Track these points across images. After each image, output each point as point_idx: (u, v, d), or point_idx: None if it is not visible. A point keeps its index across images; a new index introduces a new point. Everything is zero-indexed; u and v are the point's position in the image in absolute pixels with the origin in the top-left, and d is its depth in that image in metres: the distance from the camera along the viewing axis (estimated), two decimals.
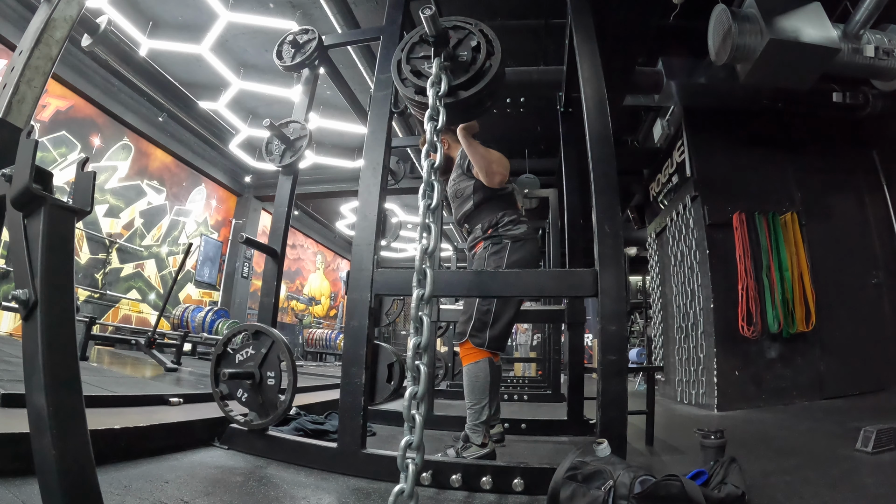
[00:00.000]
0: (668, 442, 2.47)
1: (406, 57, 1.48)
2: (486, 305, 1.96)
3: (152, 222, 7.58)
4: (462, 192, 2.17)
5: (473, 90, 1.39)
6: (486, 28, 1.45)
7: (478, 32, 1.44)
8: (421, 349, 1.04)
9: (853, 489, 1.58)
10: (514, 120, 4.94)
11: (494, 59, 1.41)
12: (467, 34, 1.44)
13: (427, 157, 1.22)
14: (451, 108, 1.40)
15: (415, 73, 1.45)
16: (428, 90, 1.32)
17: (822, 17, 2.89)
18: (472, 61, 1.41)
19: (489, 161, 2.03)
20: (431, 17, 1.32)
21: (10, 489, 1.14)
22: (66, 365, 0.80)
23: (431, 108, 1.30)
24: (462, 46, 1.43)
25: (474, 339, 1.94)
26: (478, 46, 1.42)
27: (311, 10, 4.85)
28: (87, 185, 0.86)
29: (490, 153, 2.07)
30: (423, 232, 1.13)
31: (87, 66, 6.13)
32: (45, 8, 1.12)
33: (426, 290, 1.08)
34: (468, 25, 1.45)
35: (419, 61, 1.46)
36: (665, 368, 5.03)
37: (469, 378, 1.93)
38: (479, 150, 2.06)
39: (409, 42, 1.49)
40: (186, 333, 5.15)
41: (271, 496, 1.36)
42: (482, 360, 1.92)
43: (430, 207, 1.16)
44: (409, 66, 1.46)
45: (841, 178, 4.30)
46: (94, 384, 2.35)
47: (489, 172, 2.02)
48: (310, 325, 11.78)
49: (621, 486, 1.14)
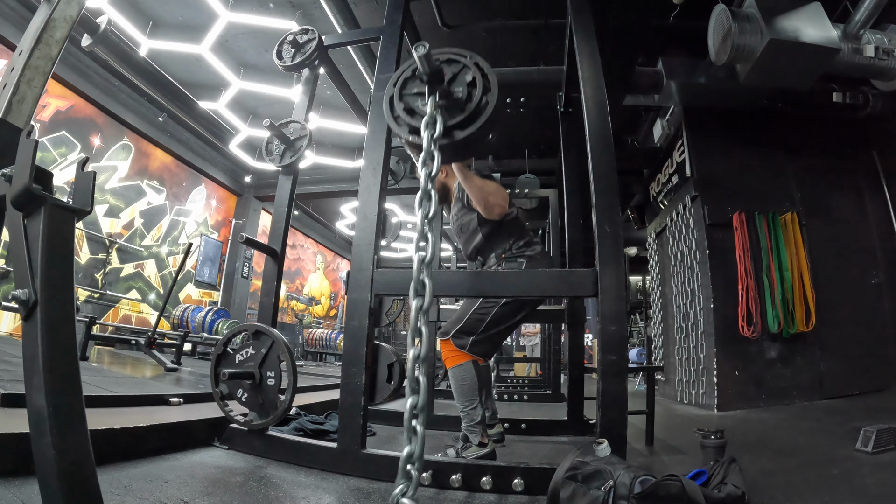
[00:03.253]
0: (668, 442, 2.47)
1: (399, 93, 1.40)
2: (480, 314, 1.92)
3: (152, 222, 7.58)
4: (467, 227, 2.11)
5: (469, 130, 1.32)
6: (482, 61, 1.38)
7: (473, 66, 1.36)
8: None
9: (853, 489, 1.58)
10: (514, 120, 4.94)
11: (491, 96, 1.34)
12: (462, 68, 1.37)
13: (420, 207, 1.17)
14: (447, 149, 1.34)
15: (408, 111, 1.37)
16: (422, 132, 1.26)
17: (822, 17, 2.89)
18: (467, 98, 1.34)
19: (486, 193, 1.95)
20: (426, 56, 1.25)
21: (10, 489, 1.14)
22: (66, 365, 0.80)
23: (425, 153, 1.24)
24: (457, 82, 1.36)
25: (456, 340, 1.93)
26: (473, 82, 1.35)
27: (311, 10, 4.85)
28: (87, 185, 0.86)
29: (486, 185, 1.98)
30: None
31: (87, 66, 6.13)
32: (45, 8, 1.12)
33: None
34: (462, 59, 1.38)
35: (412, 98, 1.39)
36: (665, 368, 5.03)
37: (455, 381, 1.91)
38: (476, 183, 1.97)
39: (402, 77, 1.41)
40: (186, 333, 5.15)
41: (271, 496, 1.36)
42: (466, 363, 1.91)
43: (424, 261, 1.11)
44: (402, 103, 1.38)
45: (841, 178, 4.29)
46: (94, 384, 2.35)
47: (487, 206, 1.95)
48: (310, 325, 11.78)
49: (621, 486, 1.14)
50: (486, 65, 1.38)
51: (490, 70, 1.37)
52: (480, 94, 1.34)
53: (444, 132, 1.30)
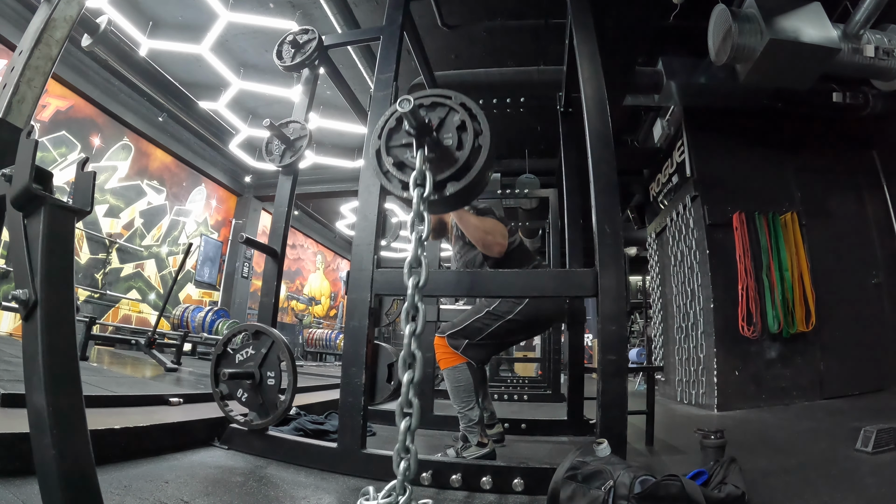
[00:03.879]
0: (668, 442, 2.47)
1: (385, 146, 1.32)
2: (482, 323, 1.91)
3: (152, 222, 7.58)
4: (473, 262, 2.09)
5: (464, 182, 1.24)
6: (469, 101, 1.29)
7: (459, 108, 1.28)
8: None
9: (853, 489, 1.58)
10: (514, 120, 4.94)
11: (483, 139, 1.26)
12: (448, 111, 1.29)
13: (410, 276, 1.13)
14: (442, 204, 1.28)
15: (397, 165, 1.29)
16: (411, 191, 1.18)
17: (822, 17, 2.89)
18: (458, 146, 1.26)
19: (484, 232, 1.93)
20: (412, 112, 1.16)
21: (10, 489, 1.14)
22: (66, 365, 0.80)
23: (415, 214, 1.17)
24: (445, 128, 1.28)
25: (451, 340, 1.92)
26: (463, 125, 1.27)
27: (311, 10, 4.84)
28: (87, 185, 0.86)
29: (483, 223, 1.95)
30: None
31: (87, 66, 6.13)
32: (45, 8, 1.12)
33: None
34: (448, 101, 1.29)
35: (401, 150, 1.31)
36: (665, 368, 5.03)
37: (451, 383, 1.91)
38: (472, 222, 1.94)
39: (386, 127, 1.33)
40: (186, 333, 5.15)
41: (271, 496, 1.36)
42: (461, 365, 1.90)
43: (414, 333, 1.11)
44: (390, 157, 1.30)
45: (841, 178, 4.29)
46: (94, 384, 2.35)
47: (486, 245, 1.93)
48: (310, 325, 11.78)
49: (621, 486, 1.14)
50: (474, 104, 1.29)
51: (478, 109, 1.29)
52: (472, 139, 1.25)
53: (436, 187, 1.22)
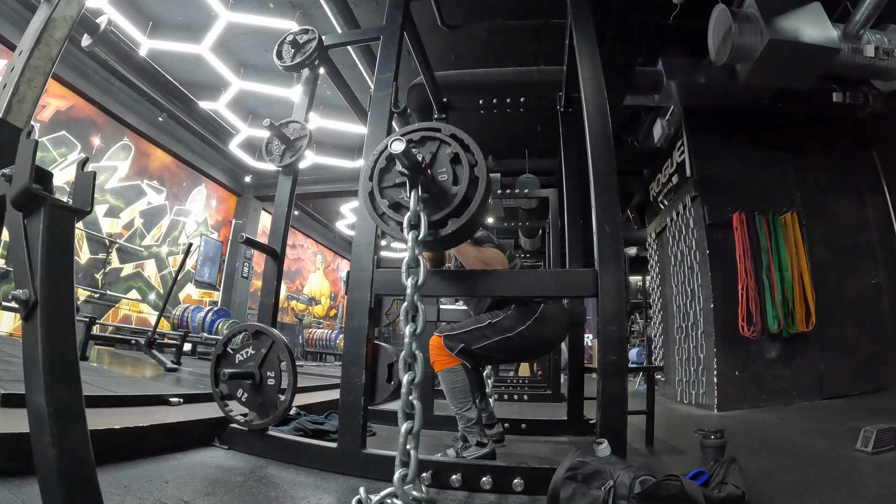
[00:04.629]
0: (668, 442, 2.47)
1: (379, 188, 1.28)
2: (483, 333, 1.88)
3: (152, 222, 7.58)
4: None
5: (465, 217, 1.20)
6: (459, 132, 1.25)
7: (450, 139, 1.24)
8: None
9: (853, 489, 1.58)
10: (514, 120, 4.94)
11: (479, 170, 1.21)
12: (440, 144, 1.24)
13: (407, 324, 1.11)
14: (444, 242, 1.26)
15: (393, 206, 1.26)
16: (405, 233, 1.15)
17: (822, 17, 2.89)
18: (454, 180, 1.21)
19: (484, 264, 1.88)
20: (404, 153, 1.11)
21: (10, 489, 1.14)
22: (66, 365, 0.80)
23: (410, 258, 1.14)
24: (438, 162, 1.24)
25: (447, 341, 1.89)
26: (456, 158, 1.23)
27: (311, 10, 4.85)
28: (87, 185, 0.86)
29: (483, 254, 1.91)
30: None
31: (87, 66, 6.13)
32: (45, 8, 1.12)
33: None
34: (437, 134, 1.25)
35: (395, 191, 1.26)
36: (665, 368, 5.03)
37: (446, 385, 1.89)
38: (471, 254, 1.89)
39: (377, 168, 1.28)
40: (186, 333, 5.15)
41: (271, 496, 1.36)
42: (456, 366, 1.88)
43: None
44: (384, 199, 1.26)
45: (841, 178, 4.29)
46: (94, 384, 2.34)
47: None
48: (310, 325, 11.78)
49: (621, 486, 1.14)
50: (465, 135, 1.26)
51: (470, 140, 1.25)
52: (468, 171, 1.21)
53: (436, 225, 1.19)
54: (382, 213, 1.28)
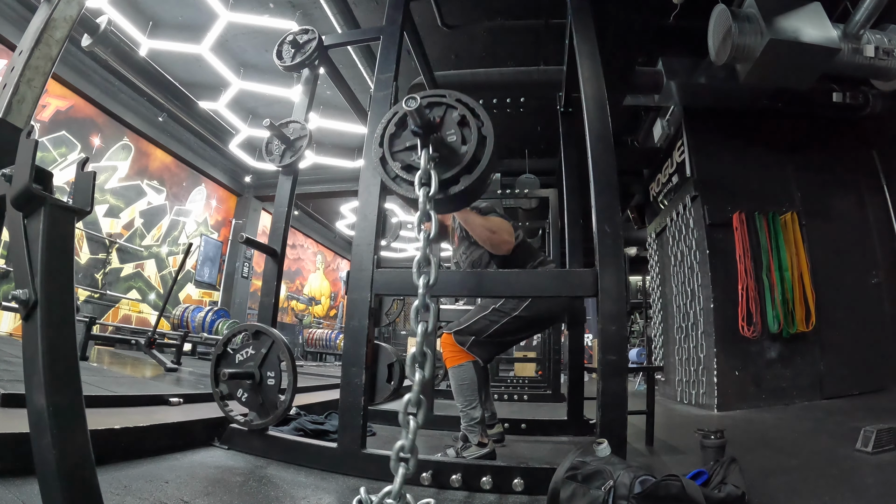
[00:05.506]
0: (668, 442, 2.47)
1: (389, 153, 1.31)
2: (490, 320, 1.92)
3: (152, 222, 7.58)
4: (479, 262, 2.08)
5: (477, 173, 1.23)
6: (465, 97, 1.29)
7: (457, 104, 1.28)
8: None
9: (853, 489, 1.58)
10: (514, 120, 4.94)
11: (486, 130, 1.26)
12: (446, 109, 1.28)
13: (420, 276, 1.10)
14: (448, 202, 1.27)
15: (406, 168, 1.28)
16: (417, 191, 1.18)
17: (822, 17, 2.89)
18: (463, 140, 1.25)
19: (491, 232, 1.92)
20: (417, 110, 1.16)
21: (10, 489, 1.14)
22: (66, 365, 0.80)
23: (421, 213, 1.16)
24: (446, 126, 1.27)
25: (458, 337, 1.93)
26: (464, 120, 1.27)
27: (311, 10, 4.85)
28: (87, 185, 0.86)
29: (489, 222, 1.94)
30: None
31: (87, 66, 6.13)
32: (45, 8, 1.11)
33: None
34: (444, 100, 1.29)
35: (406, 154, 1.29)
36: (665, 368, 5.03)
37: (455, 381, 1.92)
38: (478, 222, 1.93)
39: (386, 134, 1.31)
40: (186, 333, 5.15)
41: (271, 496, 1.36)
42: (466, 363, 1.91)
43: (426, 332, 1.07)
44: (396, 162, 1.29)
45: (841, 178, 4.29)
46: (94, 384, 2.34)
47: (494, 244, 1.93)
48: (310, 325, 11.78)
49: (621, 486, 1.14)
50: (470, 99, 1.29)
51: (476, 103, 1.29)
52: (476, 131, 1.25)
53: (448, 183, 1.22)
54: (395, 175, 1.30)
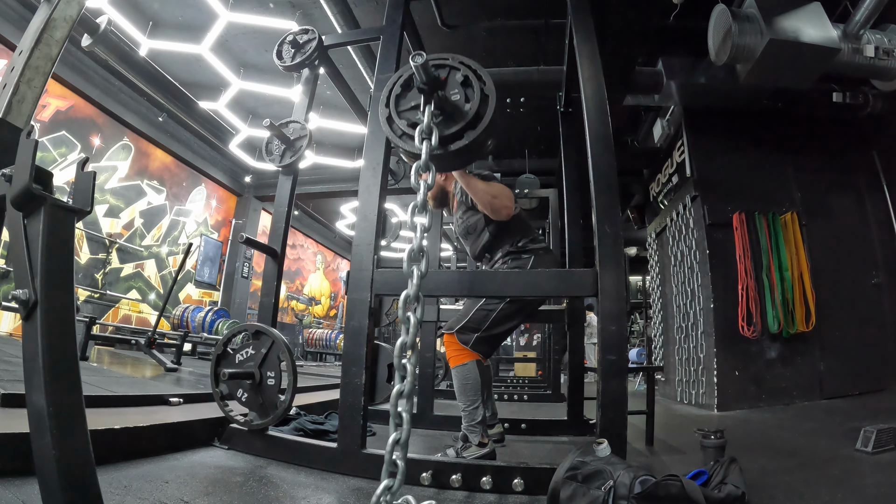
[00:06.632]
0: (668, 442, 2.47)
1: (396, 111, 1.35)
2: (484, 311, 1.93)
3: (152, 222, 7.58)
4: (474, 228, 2.11)
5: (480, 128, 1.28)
6: (467, 59, 1.35)
7: (460, 66, 1.33)
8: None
9: (853, 489, 1.58)
10: (514, 120, 4.95)
11: (489, 89, 1.31)
12: (450, 70, 1.34)
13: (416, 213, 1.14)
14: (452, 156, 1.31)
15: (411, 125, 1.33)
16: (417, 142, 1.22)
17: (822, 17, 2.89)
18: (466, 99, 1.30)
19: (492, 196, 1.94)
20: (423, 66, 1.21)
21: (10, 489, 1.14)
22: (66, 365, 0.80)
23: (423, 163, 1.20)
24: (449, 86, 1.33)
25: (460, 336, 1.93)
26: (467, 80, 1.32)
27: (311, 10, 4.84)
28: (87, 185, 0.86)
29: (491, 187, 1.97)
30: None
31: (87, 66, 6.13)
32: (45, 8, 1.11)
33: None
34: (447, 62, 1.35)
35: (411, 113, 1.34)
36: (665, 368, 5.03)
37: (459, 380, 1.92)
38: (480, 187, 1.96)
39: (392, 94, 1.37)
40: (186, 333, 5.14)
41: (271, 496, 1.36)
42: (470, 363, 1.91)
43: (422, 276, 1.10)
44: (402, 120, 1.34)
45: (841, 178, 4.29)
46: (94, 384, 2.34)
47: (494, 209, 1.95)
48: (310, 325, 11.78)
49: (621, 486, 1.14)
50: (473, 62, 1.35)
51: (478, 65, 1.34)
52: (479, 90, 1.30)
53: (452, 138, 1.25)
54: (402, 133, 1.34)
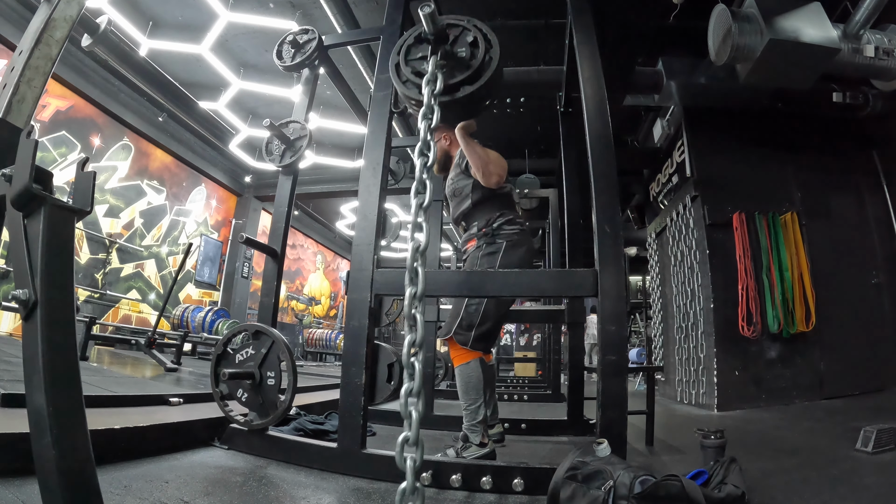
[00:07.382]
0: (668, 442, 2.47)
1: (404, 59, 1.45)
2: (474, 305, 1.94)
3: (152, 222, 7.58)
4: (460, 191, 2.16)
5: (477, 84, 1.36)
6: (481, 23, 1.43)
7: (473, 28, 1.42)
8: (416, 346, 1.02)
9: (853, 489, 1.58)
10: (514, 120, 4.95)
11: (494, 52, 1.39)
12: (462, 31, 1.42)
13: (420, 156, 1.17)
14: (453, 106, 1.37)
15: (416, 74, 1.42)
16: (423, 88, 1.29)
17: (822, 17, 2.89)
18: (471, 57, 1.39)
19: (486, 161, 2.02)
20: (430, 15, 1.30)
21: (10, 489, 1.14)
22: (66, 365, 0.80)
23: (426, 107, 1.26)
24: (459, 43, 1.41)
25: (458, 337, 1.94)
26: (475, 41, 1.40)
27: (311, 10, 4.85)
28: (87, 185, 0.86)
29: (488, 153, 2.05)
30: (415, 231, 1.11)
31: (87, 66, 6.13)
32: (45, 8, 1.11)
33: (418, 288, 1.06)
34: (461, 22, 1.43)
35: (418, 62, 1.44)
36: (665, 368, 5.03)
37: (462, 379, 1.93)
38: (477, 150, 2.04)
39: (405, 44, 1.46)
40: (186, 333, 5.14)
41: (271, 496, 1.36)
42: (473, 361, 1.92)
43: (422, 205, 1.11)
44: (408, 67, 1.43)
45: (841, 178, 4.29)
46: (94, 384, 2.34)
47: (486, 173, 2.01)
48: (310, 325, 11.77)
49: (621, 486, 1.14)
50: (485, 26, 1.42)
51: (489, 30, 1.41)
52: (484, 53, 1.38)
53: (451, 89, 1.33)
54: (406, 79, 1.42)
